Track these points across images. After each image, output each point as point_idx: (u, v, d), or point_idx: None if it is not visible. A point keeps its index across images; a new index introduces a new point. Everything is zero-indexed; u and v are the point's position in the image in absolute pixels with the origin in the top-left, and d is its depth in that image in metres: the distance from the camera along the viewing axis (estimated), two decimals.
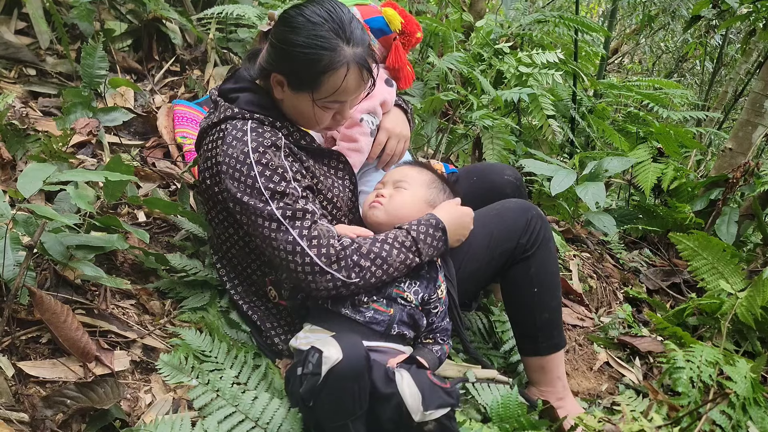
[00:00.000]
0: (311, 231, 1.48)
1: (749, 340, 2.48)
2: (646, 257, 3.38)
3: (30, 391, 1.39)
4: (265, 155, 1.52)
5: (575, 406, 1.83)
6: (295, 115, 1.64)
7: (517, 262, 1.76)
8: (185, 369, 1.47)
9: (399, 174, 1.80)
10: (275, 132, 1.59)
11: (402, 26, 1.87)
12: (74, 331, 1.49)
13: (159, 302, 1.82)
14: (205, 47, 3.11)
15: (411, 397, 1.27)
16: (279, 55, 1.55)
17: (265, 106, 1.62)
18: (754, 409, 1.89)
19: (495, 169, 2.07)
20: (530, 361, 1.84)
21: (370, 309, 1.53)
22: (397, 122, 1.95)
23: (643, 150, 3.60)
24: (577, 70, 3.88)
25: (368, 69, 1.57)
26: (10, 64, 2.52)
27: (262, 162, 1.51)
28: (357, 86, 1.58)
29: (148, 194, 2.14)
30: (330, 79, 1.53)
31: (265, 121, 1.60)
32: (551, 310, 1.80)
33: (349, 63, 1.52)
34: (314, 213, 1.51)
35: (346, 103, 1.62)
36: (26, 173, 1.39)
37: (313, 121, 1.62)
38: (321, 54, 1.49)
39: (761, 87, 3.52)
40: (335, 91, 1.54)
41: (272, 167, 1.51)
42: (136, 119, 2.56)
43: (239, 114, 1.59)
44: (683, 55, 8.32)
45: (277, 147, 1.55)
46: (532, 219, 1.75)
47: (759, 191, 3.14)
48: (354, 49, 1.53)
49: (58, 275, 1.65)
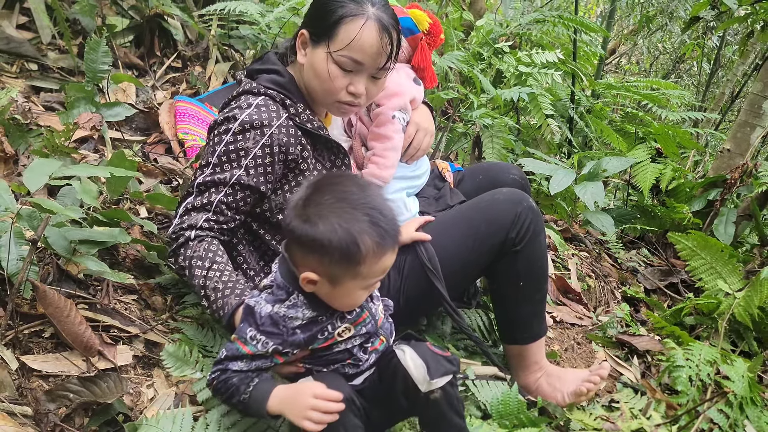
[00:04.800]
0: (193, 208, 1.57)
1: (746, 340, 2.50)
2: (644, 257, 3.40)
3: (33, 385, 1.39)
4: (246, 133, 1.56)
5: (551, 386, 1.83)
6: (312, 82, 1.63)
7: (504, 255, 1.73)
8: (190, 361, 1.48)
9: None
10: (278, 113, 1.59)
11: (429, 27, 1.88)
12: (77, 326, 1.49)
13: (161, 297, 1.82)
14: (207, 43, 3.12)
15: (416, 369, 1.30)
16: (310, 8, 1.64)
17: (283, 85, 1.65)
18: (751, 408, 1.91)
19: (500, 168, 2.08)
20: (509, 348, 1.87)
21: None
22: (425, 117, 1.97)
23: (641, 150, 3.61)
24: (575, 70, 3.89)
25: (389, 33, 1.58)
26: (11, 59, 2.52)
27: (237, 136, 1.56)
28: (373, 47, 1.56)
29: (150, 190, 2.15)
30: (347, 27, 1.54)
31: (277, 97, 1.61)
32: (535, 302, 1.80)
33: (369, 17, 1.55)
34: (212, 208, 1.57)
35: (362, 72, 1.60)
36: (32, 168, 1.40)
37: (326, 82, 1.60)
38: (346, 2, 1.56)
39: (760, 88, 3.54)
40: (350, 42, 1.55)
41: (240, 147, 1.56)
42: (138, 115, 2.56)
43: (255, 89, 1.62)
44: (681, 56, 8.35)
45: (262, 132, 1.56)
46: (522, 212, 1.72)
47: (757, 192, 3.16)
48: (377, 11, 1.56)
49: (61, 270, 1.65)
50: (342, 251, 1.18)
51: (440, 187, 2.03)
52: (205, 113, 2.63)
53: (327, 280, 1.23)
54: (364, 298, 1.33)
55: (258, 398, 1.25)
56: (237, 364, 1.27)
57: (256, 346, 1.26)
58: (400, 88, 1.84)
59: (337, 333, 1.31)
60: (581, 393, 1.70)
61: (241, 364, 1.27)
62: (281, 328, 1.26)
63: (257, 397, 1.25)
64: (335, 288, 1.24)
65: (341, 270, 1.21)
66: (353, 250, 1.18)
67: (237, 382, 1.26)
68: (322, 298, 1.28)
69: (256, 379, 1.27)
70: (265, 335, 1.26)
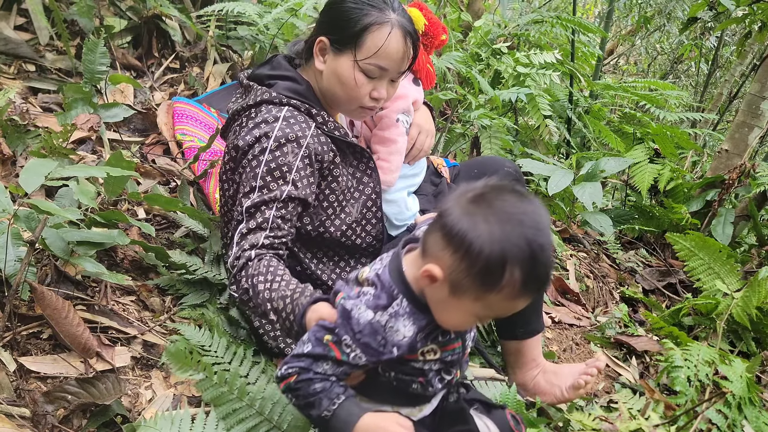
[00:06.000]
0: (249, 231, 1.51)
1: (744, 340, 2.50)
2: (643, 257, 3.40)
3: (31, 387, 1.39)
4: (283, 148, 1.53)
5: (548, 382, 1.83)
6: (333, 88, 1.64)
7: None
8: (192, 361, 1.48)
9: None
10: (308, 123, 1.59)
11: (425, 28, 1.88)
12: (75, 327, 1.49)
13: (159, 299, 1.82)
14: (205, 44, 3.12)
15: None
16: (328, 15, 1.63)
17: (304, 94, 1.64)
18: (749, 409, 1.91)
19: (495, 162, 2.08)
20: (507, 345, 1.88)
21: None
22: (426, 118, 1.98)
23: (639, 151, 3.62)
24: (573, 71, 3.90)
25: (412, 37, 1.60)
26: (9, 60, 2.52)
27: (275, 153, 1.52)
28: (399, 53, 1.59)
29: (148, 191, 2.14)
30: (374, 36, 1.56)
31: (302, 107, 1.61)
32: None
33: (393, 25, 1.57)
34: (269, 225, 1.51)
35: (386, 77, 1.62)
36: (28, 168, 1.39)
37: (353, 89, 1.61)
38: (369, 10, 1.56)
39: (757, 89, 3.54)
40: (378, 51, 1.56)
41: (281, 162, 1.52)
42: (136, 116, 2.56)
43: (276, 99, 1.60)
44: (678, 56, 8.36)
45: (299, 144, 1.55)
46: None
47: (754, 192, 3.16)
48: (399, 17, 1.58)
49: (59, 271, 1.65)
50: (485, 267, 1.03)
51: (437, 183, 2.03)
52: (203, 114, 2.63)
53: (449, 285, 1.08)
54: (468, 327, 1.21)
55: (344, 419, 1.13)
56: (321, 366, 1.15)
57: (349, 355, 1.13)
58: (403, 91, 1.84)
59: (421, 352, 1.17)
60: (579, 386, 1.70)
61: (326, 367, 1.15)
62: (380, 341, 1.12)
63: (343, 418, 1.13)
64: (451, 299, 1.10)
65: (471, 284, 1.05)
66: (496, 273, 1.03)
67: (320, 392, 1.14)
68: (429, 302, 1.14)
69: (342, 396, 1.14)
70: (361, 348, 1.12)
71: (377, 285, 1.16)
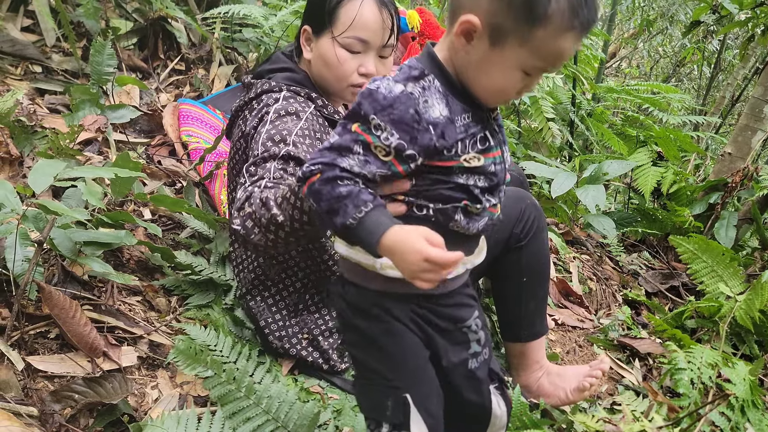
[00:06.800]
0: (251, 185, 1.43)
1: (747, 343, 2.50)
2: (645, 260, 3.40)
3: (38, 386, 1.40)
4: (283, 118, 1.54)
5: (552, 384, 1.83)
6: (323, 73, 1.66)
7: (508, 251, 1.74)
8: (200, 359, 1.49)
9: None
10: (307, 104, 1.61)
11: (421, 27, 1.90)
12: (82, 327, 1.50)
13: (165, 299, 1.83)
14: (210, 46, 3.13)
15: (498, 422, 1.28)
16: (308, 5, 1.66)
17: (301, 82, 1.67)
18: (753, 411, 1.92)
19: None
20: (511, 347, 1.87)
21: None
22: None
23: (642, 153, 3.62)
24: (576, 74, 3.90)
25: (387, 8, 1.60)
26: (16, 61, 2.53)
27: (275, 122, 1.54)
28: (375, 23, 1.59)
29: (154, 192, 2.15)
30: (346, 9, 1.58)
31: (301, 92, 1.63)
32: (538, 299, 1.81)
33: None
34: (270, 176, 1.43)
35: (370, 51, 1.63)
36: (37, 169, 1.40)
37: (337, 67, 1.62)
38: None
39: (761, 92, 3.54)
40: (352, 22, 1.57)
41: (280, 128, 1.52)
42: (142, 117, 2.57)
43: (276, 87, 1.63)
44: (681, 59, 8.36)
45: (298, 117, 1.56)
46: (527, 209, 1.74)
47: (758, 195, 3.17)
48: None
49: (66, 271, 1.66)
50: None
51: None
52: (208, 116, 2.64)
53: (488, 33, 0.98)
54: (513, 94, 1.07)
55: (370, 229, 0.98)
56: (347, 160, 1.00)
57: (379, 137, 0.99)
58: None
59: (464, 158, 1.05)
60: (584, 389, 1.70)
61: (352, 161, 1.00)
62: (413, 115, 0.99)
63: (369, 228, 0.98)
64: (492, 53, 0.99)
65: (513, 23, 0.96)
66: (542, 1, 0.94)
67: (346, 197, 0.98)
68: (467, 73, 1.04)
69: (371, 204, 0.99)
70: (392, 124, 0.99)
71: (403, 66, 1.05)
